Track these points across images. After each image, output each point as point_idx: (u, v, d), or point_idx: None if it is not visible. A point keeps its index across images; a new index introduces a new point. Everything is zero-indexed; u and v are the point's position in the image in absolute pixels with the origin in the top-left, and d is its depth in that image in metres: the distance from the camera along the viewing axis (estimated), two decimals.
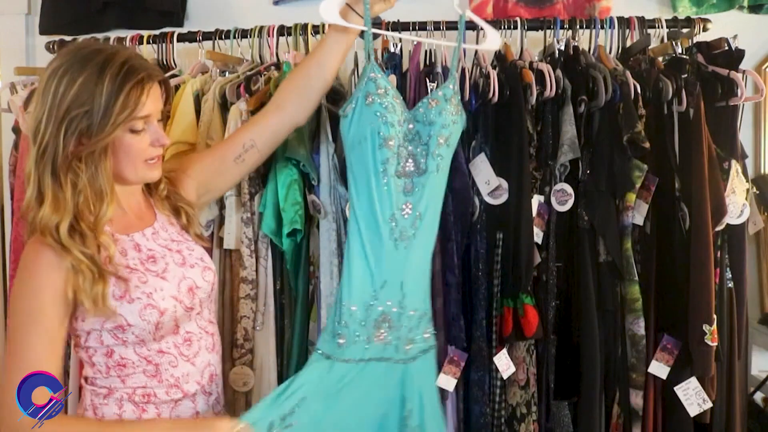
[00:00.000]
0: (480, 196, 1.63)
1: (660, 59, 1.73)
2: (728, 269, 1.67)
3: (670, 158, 1.62)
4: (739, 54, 1.66)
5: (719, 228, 1.60)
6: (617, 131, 1.59)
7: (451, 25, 1.74)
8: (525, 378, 1.65)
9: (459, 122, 1.41)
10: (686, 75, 1.64)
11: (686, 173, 1.58)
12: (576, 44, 1.75)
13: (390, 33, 1.68)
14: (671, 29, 1.79)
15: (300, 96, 1.42)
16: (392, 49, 1.70)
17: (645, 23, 1.79)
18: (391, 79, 1.55)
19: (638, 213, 1.62)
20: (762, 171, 2.16)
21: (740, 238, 1.68)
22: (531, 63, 1.69)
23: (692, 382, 1.59)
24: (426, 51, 1.79)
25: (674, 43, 1.72)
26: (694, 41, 1.74)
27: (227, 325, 1.67)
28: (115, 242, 1.20)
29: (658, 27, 1.79)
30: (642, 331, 1.60)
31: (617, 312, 1.64)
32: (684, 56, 1.70)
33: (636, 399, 1.63)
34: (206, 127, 1.68)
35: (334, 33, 1.40)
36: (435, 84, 1.59)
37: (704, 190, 1.55)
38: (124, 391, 1.22)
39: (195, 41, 1.91)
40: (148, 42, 1.92)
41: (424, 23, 1.79)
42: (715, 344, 1.55)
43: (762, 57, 2.14)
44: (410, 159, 1.37)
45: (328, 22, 1.37)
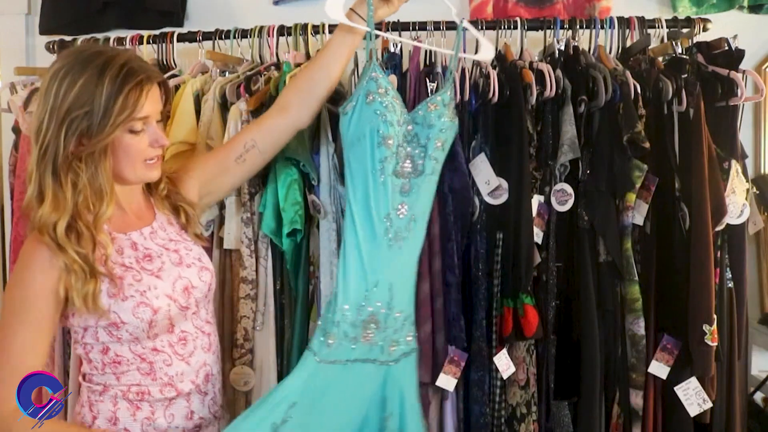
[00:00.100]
0: (480, 196, 1.63)
1: (660, 59, 1.73)
2: (728, 269, 1.67)
3: (670, 158, 1.62)
4: (739, 54, 1.66)
5: (719, 228, 1.61)
6: (617, 131, 1.59)
7: (451, 26, 1.73)
8: (525, 378, 1.65)
9: (453, 128, 1.44)
10: (686, 75, 1.64)
11: (686, 173, 1.58)
12: (576, 44, 1.75)
13: (392, 37, 1.68)
14: (671, 29, 1.79)
15: (303, 99, 1.43)
16: (392, 49, 1.70)
17: (645, 23, 1.79)
18: (392, 79, 1.56)
19: (638, 213, 1.62)
20: (762, 171, 2.16)
21: (740, 238, 1.68)
22: (531, 63, 1.69)
23: (692, 382, 1.59)
24: (426, 51, 1.79)
25: (674, 43, 1.72)
26: (694, 41, 1.74)
27: (227, 325, 1.67)
28: (113, 241, 1.22)
29: (658, 27, 1.79)
30: (642, 331, 1.61)
31: (617, 312, 1.64)
32: (684, 56, 1.70)
33: (636, 399, 1.63)
34: (206, 127, 1.68)
35: (339, 36, 1.42)
36: (435, 84, 1.59)
37: (704, 190, 1.55)
38: (119, 389, 1.23)
39: (195, 41, 1.90)
40: (148, 42, 1.92)
41: (424, 23, 1.79)
42: (715, 344, 1.55)
43: (762, 57, 2.14)
44: (408, 160, 1.38)
45: (333, 21, 1.38)
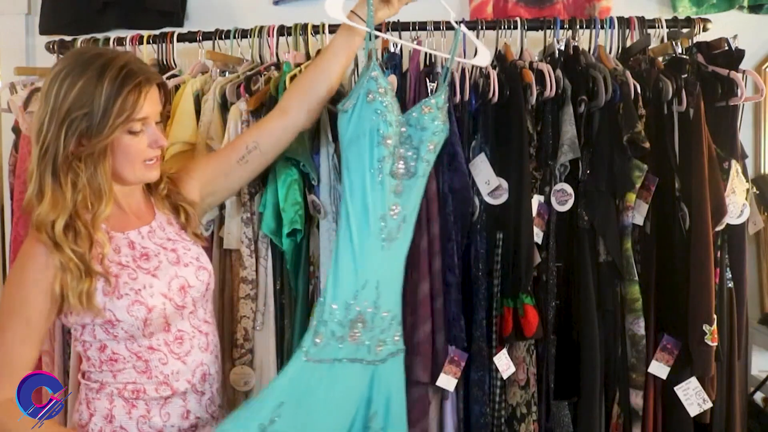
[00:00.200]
0: (480, 196, 1.63)
1: (660, 59, 1.73)
2: (728, 269, 1.67)
3: (670, 158, 1.62)
4: (739, 54, 1.66)
5: (719, 228, 1.61)
6: (617, 131, 1.59)
7: (451, 26, 1.73)
8: (525, 378, 1.65)
9: (445, 131, 1.44)
10: (686, 75, 1.64)
11: (686, 173, 1.58)
12: (576, 44, 1.75)
13: (392, 38, 1.68)
14: (671, 29, 1.79)
15: (304, 101, 1.44)
16: (392, 49, 1.70)
17: (645, 23, 1.79)
18: (392, 79, 1.56)
19: (638, 213, 1.62)
20: (762, 171, 2.16)
21: (740, 238, 1.68)
22: (531, 63, 1.69)
23: (692, 382, 1.60)
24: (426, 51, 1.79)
25: (674, 43, 1.72)
26: (694, 41, 1.74)
27: (227, 325, 1.67)
28: (110, 239, 1.23)
29: (658, 27, 1.79)
30: (642, 331, 1.61)
31: (617, 312, 1.64)
32: (684, 56, 1.70)
33: (636, 399, 1.63)
34: (206, 127, 1.68)
35: (340, 38, 1.42)
36: (435, 84, 1.59)
37: (704, 190, 1.55)
38: (115, 386, 1.24)
39: (195, 41, 1.90)
40: (148, 42, 1.92)
41: (424, 23, 1.79)
42: (715, 344, 1.55)
43: (762, 57, 2.14)
44: (401, 161, 1.39)
45: (333, 21, 1.38)
